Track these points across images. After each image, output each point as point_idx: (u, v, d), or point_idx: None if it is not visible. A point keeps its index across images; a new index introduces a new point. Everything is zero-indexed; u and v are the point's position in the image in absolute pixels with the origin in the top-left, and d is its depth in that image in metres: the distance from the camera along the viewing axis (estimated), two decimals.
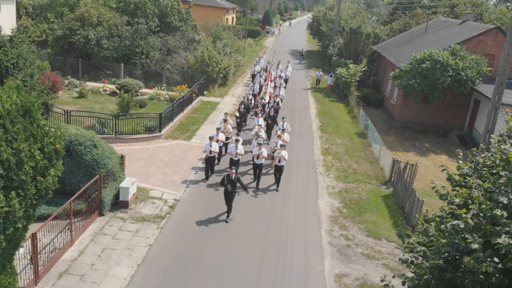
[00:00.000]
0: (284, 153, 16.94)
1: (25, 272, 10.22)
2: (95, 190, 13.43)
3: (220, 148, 18.23)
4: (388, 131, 26.61)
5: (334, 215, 15.76)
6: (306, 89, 37.19)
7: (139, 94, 27.78)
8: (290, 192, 17.22)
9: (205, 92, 30.45)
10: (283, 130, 19.25)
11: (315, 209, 16.07)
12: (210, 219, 14.48)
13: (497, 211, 5.42)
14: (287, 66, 36.32)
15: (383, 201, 17.21)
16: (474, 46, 26.69)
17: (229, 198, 14.34)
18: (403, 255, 7.09)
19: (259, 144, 17.06)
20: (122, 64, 30.68)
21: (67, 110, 19.80)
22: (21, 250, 9.82)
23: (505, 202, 5.85)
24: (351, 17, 50.30)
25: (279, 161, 16.86)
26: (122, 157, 15.13)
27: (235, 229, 14.01)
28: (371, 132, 24.06)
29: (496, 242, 5.23)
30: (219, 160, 18.56)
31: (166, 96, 27.92)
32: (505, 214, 5.43)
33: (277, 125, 21.85)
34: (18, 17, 35.34)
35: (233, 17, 67.69)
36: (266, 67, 33.53)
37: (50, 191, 8.82)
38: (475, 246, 5.36)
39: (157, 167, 17.79)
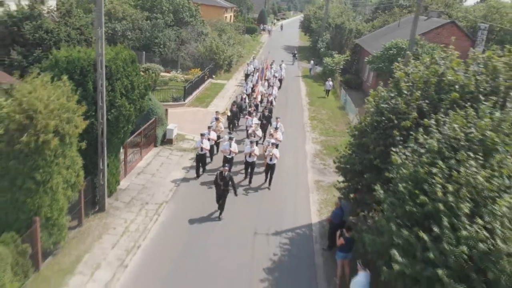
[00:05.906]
0: (276, 151, 16.80)
1: (120, 168, 16.20)
2: (151, 129, 19.45)
3: (212, 146, 18.28)
4: (363, 106, 32.78)
5: (316, 153, 21.96)
6: (298, 76, 43.40)
7: (160, 76, 33.73)
8: (285, 141, 23.20)
9: (213, 76, 36.52)
10: (276, 128, 19.27)
11: (303, 150, 22.25)
12: None
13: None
14: (281, 65, 37.02)
15: None
16: (433, 37, 32.99)
17: (221, 196, 14.21)
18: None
19: (251, 142, 16.89)
20: (144, 52, 36.64)
21: None
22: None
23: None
24: (338, 16, 56.56)
25: (271, 159, 16.71)
26: (166, 110, 21.17)
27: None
28: (349, 105, 30.30)
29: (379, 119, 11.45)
30: (211, 159, 18.75)
31: (182, 78, 33.92)
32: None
33: (271, 125, 21.91)
34: None
35: (231, 16, 73.70)
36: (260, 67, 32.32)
37: (145, 110, 14.88)
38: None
39: (187, 123, 23.82)
